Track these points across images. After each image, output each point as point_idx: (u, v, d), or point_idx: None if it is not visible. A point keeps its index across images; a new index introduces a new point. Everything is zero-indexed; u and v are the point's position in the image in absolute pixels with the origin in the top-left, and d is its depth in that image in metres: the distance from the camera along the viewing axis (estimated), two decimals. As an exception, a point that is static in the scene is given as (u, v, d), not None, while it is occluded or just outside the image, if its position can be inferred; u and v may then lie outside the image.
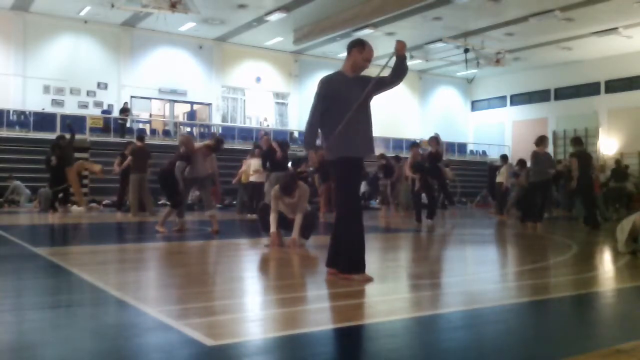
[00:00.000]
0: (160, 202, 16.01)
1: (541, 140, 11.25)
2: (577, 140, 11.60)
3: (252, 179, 12.84)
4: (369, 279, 4.44)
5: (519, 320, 3.50)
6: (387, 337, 3.00)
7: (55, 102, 21.11)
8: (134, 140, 16.71)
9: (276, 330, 3.10)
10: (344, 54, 4.79)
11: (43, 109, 20.23)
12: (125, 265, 5.77)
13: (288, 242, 6.72)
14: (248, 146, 19.53)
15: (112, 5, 18.02)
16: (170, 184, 8.73)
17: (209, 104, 24.67)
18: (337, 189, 4.65)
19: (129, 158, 13.05)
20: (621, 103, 25.85)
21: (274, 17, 20.80)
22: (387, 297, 4.18)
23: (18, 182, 16.84)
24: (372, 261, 5.75)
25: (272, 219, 6.71)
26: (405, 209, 15.98)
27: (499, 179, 14.51)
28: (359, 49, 4.55)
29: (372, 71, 4.60)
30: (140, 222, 11.27)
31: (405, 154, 20.49)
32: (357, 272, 4.45)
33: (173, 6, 16.61)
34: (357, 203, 4.61)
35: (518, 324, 3.42)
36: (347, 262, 4.48)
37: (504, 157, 15.06)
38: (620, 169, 15.79)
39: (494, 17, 20.79)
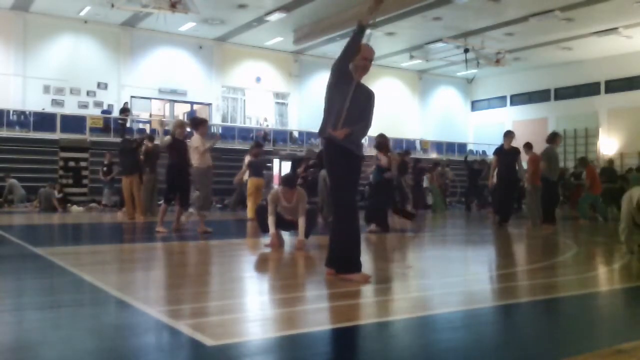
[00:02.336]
0: (159, 203, 15.97)
1: (554, 137, 11.16)
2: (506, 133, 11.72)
3: (246, 176, 12.92)
4: (368, 279, 4.43)
5: (519, 320, 3.50)
6: (387, 337, 3.00)
7: (55, 102, 21.11)
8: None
9: (276, 330, 3.09)
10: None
11: (43, 109, 20.24)
12: (125, 265, 5.77)
13: (295, 243, 6.70)
14: (248, 146, 19.51)
15: (112, 5, 18.03)
16: (174, 177, 8.70)
17: (209, 104, 24.67)
18: (329, 180, 4.65)
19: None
20: (621, 103, 25.85)
21: (274, 17, 20.80)
22: (387, 297, 4.18)
23: (13, 181, 16.80)
24: (371, 261, 5.75)
25: (271, 221, 6.69)
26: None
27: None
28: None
29: (372, 71, 4.58)
30: (138, 222, 11.26)
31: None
32: (352, 271, 4.43)
33: (173, 6, 16.63)
34: (347, 200, 4.53)
35: (518, 323, 3.42)
36: (342, 262, 4.48)
37: None
38: (610, 169, 15.65)
39: (494, 17, 20.80)
